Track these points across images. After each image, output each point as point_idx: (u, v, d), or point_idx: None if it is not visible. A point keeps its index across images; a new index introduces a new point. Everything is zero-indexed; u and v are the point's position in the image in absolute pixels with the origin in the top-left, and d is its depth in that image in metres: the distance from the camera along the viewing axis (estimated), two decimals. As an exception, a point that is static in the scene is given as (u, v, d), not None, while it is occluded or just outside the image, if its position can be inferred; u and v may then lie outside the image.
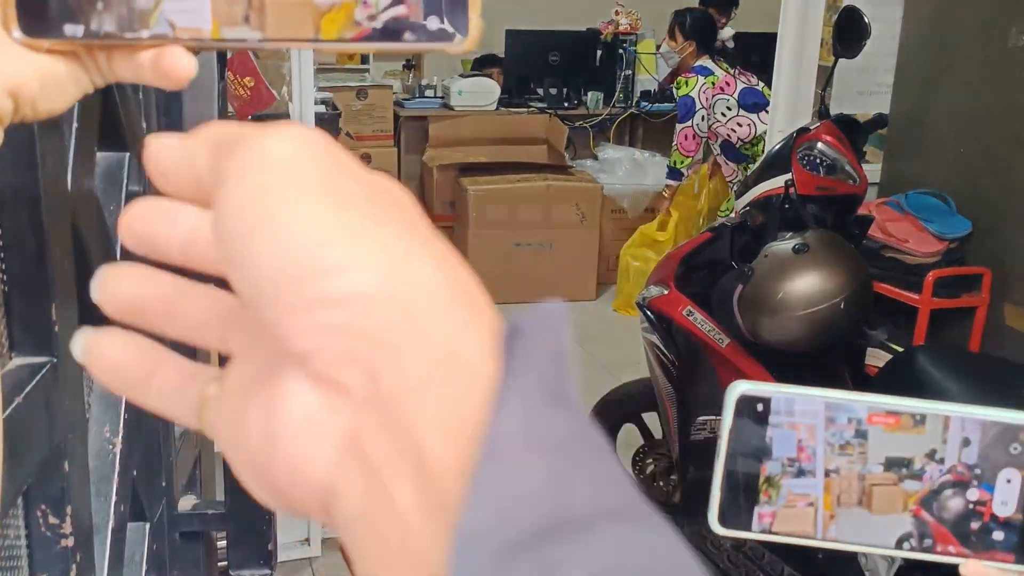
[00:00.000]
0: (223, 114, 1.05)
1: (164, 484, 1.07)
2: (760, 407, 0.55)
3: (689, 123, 4.07)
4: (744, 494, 0.55)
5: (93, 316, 0.31)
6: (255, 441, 0.26)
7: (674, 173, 4.20)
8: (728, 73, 4.08)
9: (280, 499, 0.26)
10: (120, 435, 0.92)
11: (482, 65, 5.36)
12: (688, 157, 4.11)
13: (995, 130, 2.71)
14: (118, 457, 0.90)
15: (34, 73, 0.35)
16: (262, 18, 0.34)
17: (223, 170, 0.26)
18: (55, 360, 0.77)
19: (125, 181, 0.90)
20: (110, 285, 0.30)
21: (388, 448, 0.23)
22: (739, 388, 0.55)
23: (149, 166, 0.29)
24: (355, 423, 0.24)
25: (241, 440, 0.27)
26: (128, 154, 0.93)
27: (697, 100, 4.03)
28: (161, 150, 0.29)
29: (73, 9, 0.34)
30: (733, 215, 2.50)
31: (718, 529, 0.56)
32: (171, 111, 1.07)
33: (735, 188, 4.20)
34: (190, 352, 0.34)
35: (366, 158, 4.96)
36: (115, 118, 0.88)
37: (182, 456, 1.19)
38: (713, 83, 4.05)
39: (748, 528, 0.55)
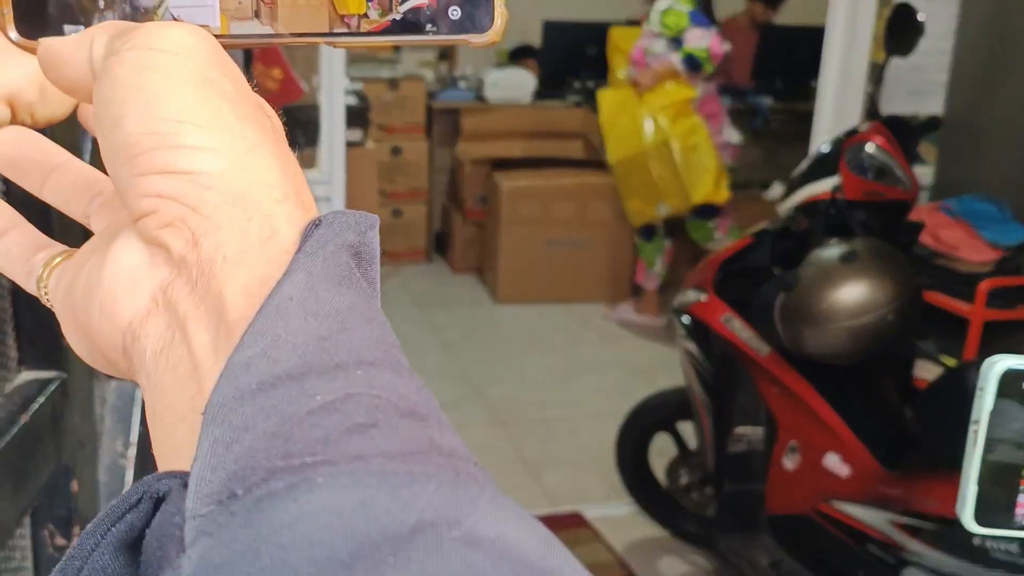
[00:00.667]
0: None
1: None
2: None
3: (716, 29, 4.02)
4: (1003, 486, 0.50)
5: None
6: (80, 291, 0.31)
7: (693, 63, 4.03)
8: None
9: (90, 344, 0.31)
10: (133, 449, 0.88)
11: (518, 57, 5.27)
12: (714, 65, 4.02)
13: (1055, 134, 2.58)
14: (130, 471, 0.87)
15: (32, 78, 0.34)
16: (273, 12, 0.33)
17: (115, 47, 0.29)
18: (64, 375, 0.77)
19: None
20: (1, 139, 0.35)
21: (193, 300, 0.28)
22: (1000, 363, 0.49)
23: (43, 57, 0.31)
24: (170, 278, 0.28)
25: (70, 296, 0.32)
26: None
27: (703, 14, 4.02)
28: (58, 40, 0.31)
29: (73, 8, 0.33)
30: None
31: (975, 528, 0.50)
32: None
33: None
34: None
35: (397, 150, 4.91)
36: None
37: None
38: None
39: (1009, 524, 0.50)
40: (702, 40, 3.98)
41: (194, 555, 0.23)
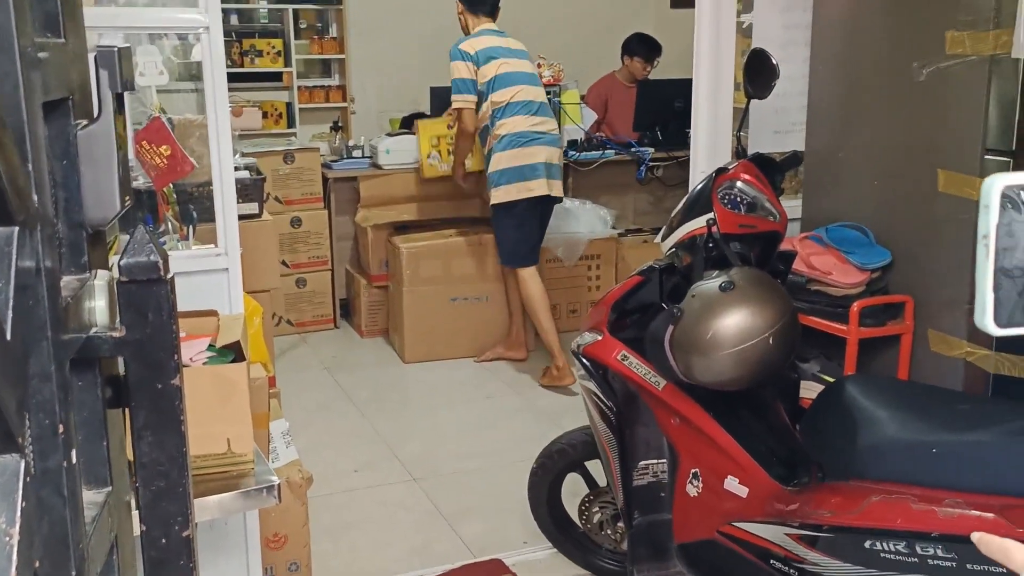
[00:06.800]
0: (124, 184, 1.02)
1: (74, 573, 1.01)
2: None
3: None
4: (1018, 289, 0.53)
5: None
6: None
7: None
8: None
9: None
10: (17, 525, 0.87)
11: (410, 123, 5.37)
12: None
13: (905, 162, 2.79)
14: (15, 549, 0.85)
15: None
16: None
17: None
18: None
19: (14, 257, 0.86)
20: None
21: None
22: (1000, 180, 0.52)
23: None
24: None
25: None
26: (16, 228, 0.89)
27: None
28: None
29: None
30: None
31: (994, 330, 0.53)
32: (68, 183, 1.04)
33: None
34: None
35: (297, 221, 4.93)
36: (0, 192, 0.84)
37: (96, 541, 1.13)
38: None
39: None
40: None
41: None
